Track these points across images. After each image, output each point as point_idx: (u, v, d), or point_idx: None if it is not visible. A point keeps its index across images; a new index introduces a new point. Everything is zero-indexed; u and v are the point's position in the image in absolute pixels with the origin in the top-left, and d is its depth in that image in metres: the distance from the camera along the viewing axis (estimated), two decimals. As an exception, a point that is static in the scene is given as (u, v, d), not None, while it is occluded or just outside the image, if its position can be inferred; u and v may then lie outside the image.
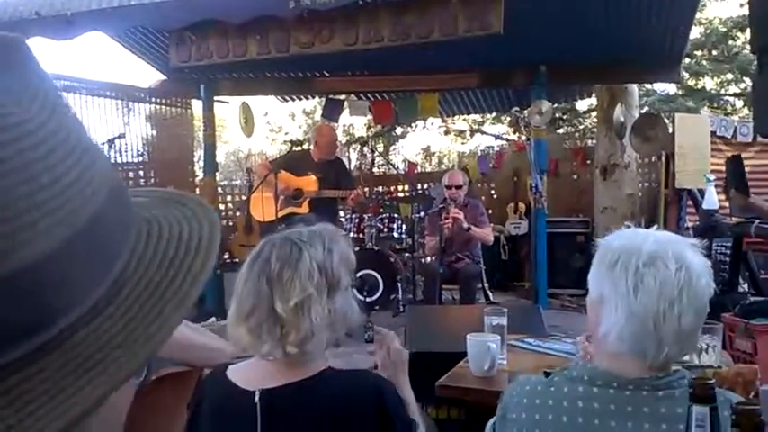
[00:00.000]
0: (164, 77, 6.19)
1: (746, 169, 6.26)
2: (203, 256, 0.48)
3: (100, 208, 0.43)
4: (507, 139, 11.22)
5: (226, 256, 6.60)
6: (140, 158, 6.40)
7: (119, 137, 5.28)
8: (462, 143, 12.83)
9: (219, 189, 7.05)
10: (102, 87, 6.05)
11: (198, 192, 6.61)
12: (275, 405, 1.27)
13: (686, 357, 1.86)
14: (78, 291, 0.42)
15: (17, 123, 0.38)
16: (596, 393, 1.11)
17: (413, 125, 11.64)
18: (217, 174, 6.91)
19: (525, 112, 5.55)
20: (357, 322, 1.36)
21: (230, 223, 6.95)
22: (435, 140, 12.80)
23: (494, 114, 11.29)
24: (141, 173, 6.39)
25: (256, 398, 1.27)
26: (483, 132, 12.86)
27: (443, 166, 9.39)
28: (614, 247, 1.15)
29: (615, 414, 1.09)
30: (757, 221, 3.78)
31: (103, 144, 5.09)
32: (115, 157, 5.82)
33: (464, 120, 12.11)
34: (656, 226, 1.30)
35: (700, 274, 1.10)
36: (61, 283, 0.40)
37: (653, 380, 1.09)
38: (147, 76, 6.37)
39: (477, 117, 11.84)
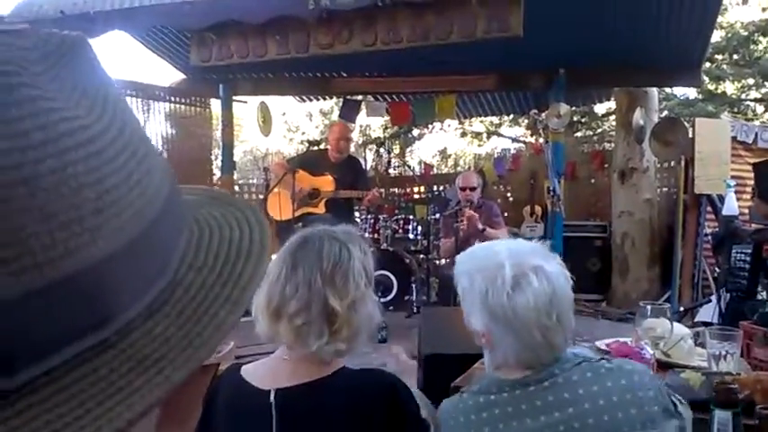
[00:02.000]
0: (183, 76, 6.25)
1: (767, 175, 6.21)
2: (255, 260, 0.47)
3: (160, 209, 0.43)
4: (524, 142, 11.17)
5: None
6: (159, 156, 6.45)
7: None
8: (479, 145, 12.79)
9: (237, 188, 7.10)
10: (121, 85, 6.11)
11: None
12: (290, 405, 1.26)
13: (704, 364, 1.84)
14: (136, 291, 0.42)
15: (83, 127, 0.38)
16: (494, 400, 1.21)
17: (429, 127, 11.63)
18: (234, 172, 6.95)
19: (543, 114, 5.52)
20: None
21: (247, 222, 6.99)
22: (452, 142, 12.79)
23: (511, 117, 11.24)
24: (160, 171, 6.44)
25: (271, 397, 1.26)
26: (500, 135, 12.82)
27: (459, 168, 9.37)
28: (477, 279, 1.24)
29: (514, 415, 1.18)
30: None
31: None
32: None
33: (481, 122, 12.07)
34: (520, 239, 1.40)
35: (557, 275, 1.23)
36: (120, 283, 0.40)
37: (535, 374, 1.20)
38: (167, 74, 6.42)
39: (495, 119, 11.80)
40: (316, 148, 5.54)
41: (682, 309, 5.30)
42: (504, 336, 1.21)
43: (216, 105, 6.54)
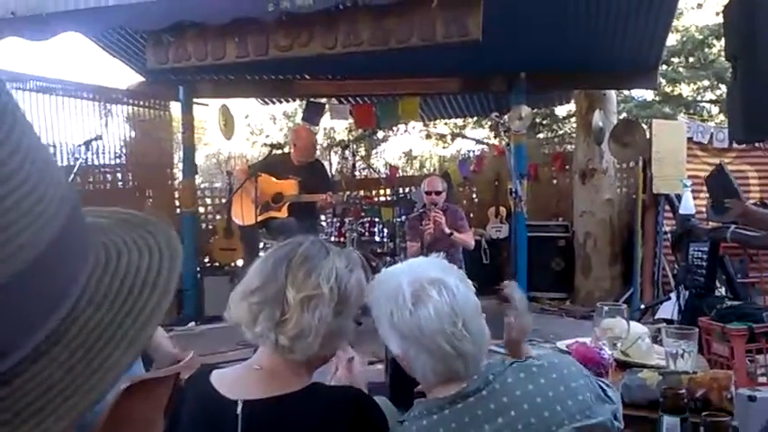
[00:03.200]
0: (142, 79, 6.12)
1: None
2: (159, 293, 0.45)
3: (55, 237, 0.39)
4: (488, 144, 11.26)
5: (206, 260, 6.54)
6: (118, 160, 6.31)
7: (95, 138, 5.20)
8: (443, 147, 12.85)
9: (199, 192, 6.98)
10: (79, 88, 5.96)
11: (177, 194, 6.54)
12: (257, 418, 1.23)
13: (662, 363, 1.87)
14: (24, 330, 0.38)
15: None
16: (437, 420, 1.19)
17: (394, 129, 11.64)
18: (197, 176, 6.84)
19: (505, 117, 5.57)
20: (334, 353, 1.35)
21: (210, 226, 6.89)
22: (417, 144, 12.82)
23: (475, 119, 11.33)
24: (119, 175, 6.31)
25: (238, 408, 1.23)
26: (464, 136, 12.91)
27: (425, 170, 9.40)
28: (382, 302, 1.25)
29: (459, 430, 1.17)
30: (733, 226, 3.83)
31: (80, 146, 5.01)
32: (92, 160, 5.74)
33: (445, 124, 12.14)
34: (442, 254, 1.42)
35: (455, 283, 1.24)
36: (7, 321, 0.37)
37: (471, 384, 1.20)
38: (126, 77, 6.26)
39: (459, 121, 11.88)
40: (279, 151, 5.48)
41: (643, 306, 5.41)
42: (417, 354, 1.22)
43: (176, 108, 6.43)
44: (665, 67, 9.57)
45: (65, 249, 0.40)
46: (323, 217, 6.09)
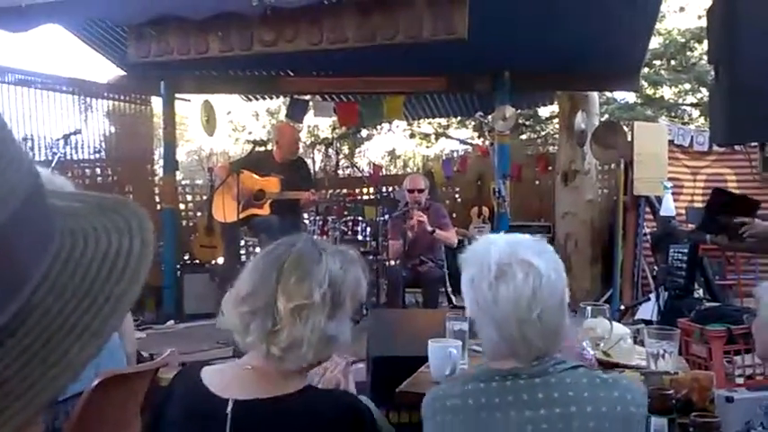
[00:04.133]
0: (123, 73, 6.03)
1: (702, 178, 6.47)
2: (128, 281, 0.42)
3: (11, 216, 0.36)
4: (472, 144, 11.30)
5: (186, 257, 6.47)
6: (97, 155, 6.22)
7: (74, 133, 5.12)
8: (427, 146, 12.87)
9: (180, 188, 6.90)
10: (58, 82, 5.86)
11: (157, 191, 6.46)
12: (247, 419, 1.20)
13: (643, 363, 1.88)
14: None
15: None
16: (483, 389, 1.20)
17: (378, 127, 11.63)
18: (178, 173, 6.77)
19: (489, 117, 5.59)
20: (344, 349, 1.32)
21: (191, 224, 6.82)
22: (400, 143, 12.83)
23: (459, 119, 11.36)
24: (98, 170, 6.22)
25: (228, 408, 1.20)
26: (448, 136, 12.94)
27: (408, 169, 9.40)
28: (468, 264, 1.26)
29: (501, 406, 1.18)
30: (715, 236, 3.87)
31: (59, 140, 4.93)
32: (71, 154, 5.65)
33: (429, 123, 12.15)
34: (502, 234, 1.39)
35: (547, 272, 1.20)
36: None
37: (528, 368, 1.20)
38: (106, 71, 6.17)
39: (443, 121, 11.90)
40: (261, 148, 5.44)
41: (623, 307, 5.45)
42: (484, 325, 1.22)
43: (158, 103, 6.34)
44: (647, 69, 9.66)
45: (26, 227, 0.38)
46: (306, 215, 6.05)
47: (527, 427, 1.14)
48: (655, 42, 9.51)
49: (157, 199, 6.40)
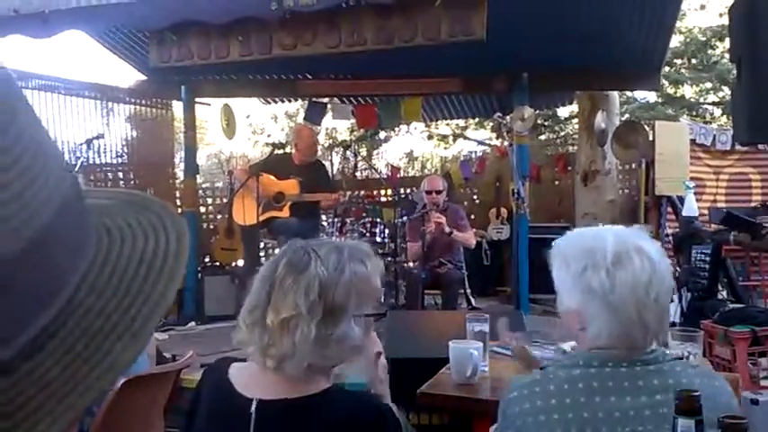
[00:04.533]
0: (144, 78, 6.11)
1: (725, 177, 6.38)
2: (166, 279, 0.42)
3: (46, 225, 0.36)
4: (490, 145, 11.26)
5: (206, 260, 6.53)
6: (120, 159, 6.31)
7: (97, 137, 5.19)
8: (445, 148, 12.86)
9: (200, 191, 6.97)
10: (81, 87, 5.95)
11: (178, 194, 6.54)
12: (270, 419, 1.21)
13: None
14: (15, 323, 0.36)
15: None
16: (593, 373, 1.20)
17: (396, 129, 11.64)
18: (198, 176, 6.83)
19: (508, 117, 5.56)
20: (356, 354, 1.29)
21: (211, 226, 6.88)
22: (418, 145, 12.82)
23: (477, 120, 11.32)
24: (121, 174, 6.30)
25: (252, 407, 1.22)
26: (466, 137, 12.91)
27: (426, 171, 9.40)
28: (577, 254, 1.25)
29: (614, 390, 1.18)
30: (737, 234, 3.82)
31: (82, 144, 5.01)
32: (94, 158, 5.74)
33: (447, 125, 12.13)
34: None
35: (660, 257, 1.24)
36: (2, 308, 0.35)
37: (643, 355, 1.21)
38: (128, 76, 6.26)
39: (461, 122, 11.88)
40: (280, 151, 5.48)
41: (644, 308, 5.39)
42: (598, 312, 1.21)
43: (178, 107, 6.42)
44: (667, 68, 9.56)
45: (62, 233, 0.38)
46: (324, 217, 6.08)
47: (644, 412, 1.16)
48: (675, 41, 9.41)
49: (178, 202, 6.47)
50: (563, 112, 10.98)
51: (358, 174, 8.44)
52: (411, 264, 5.13)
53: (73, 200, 0.41)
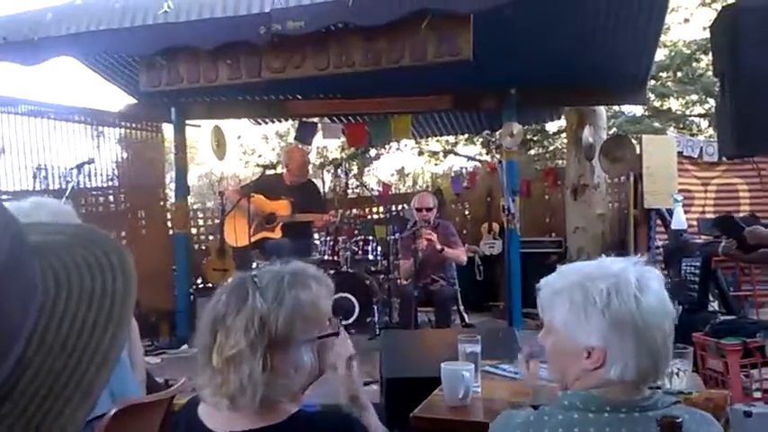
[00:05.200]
0: (134, 101, 6.13)
1: (713, 188, 6.45)
2: (114, 326, 0.40)
3: None
4: (480, 160, 11.32)
5: (199, 281, 6.51)
6: (111, 183, 6.30)
7: (88, 162, 5.20)
8: (436, 164, 12.90)
9: (191, 212, 6.97)
10: (71, 112, 5.96)
11: (169, 215, 6.53)
12: None
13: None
14: None
15: None
16: (592, 419, 1.13)
17: (386, 147, 11.69)
18: (189, 197, 6.83)
19: (497, 134, 5.61)
20: (312, 379, 1.29)
21: (203, 247, 6.87)
22: (409, 161, 12.86)
23: (466, 136, 11.39)
24: (111, 197, 6.29)
25: None
26: (456, 153, 12.96)
27: (417, 187, 9.44)
28: (598, 289, 1.16)
29: None
30: (725, 241, 3.85)
31: (72, 169, 5.01)
32: (84, 182, 5.73)
33: (437, 141, 12.19)
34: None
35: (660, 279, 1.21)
36: None
37: (642, 401, 1.14)
38: (118, 99, 6.27)
39: (451, 138, 11.94)
40: (272, 172, 5.50)
41: (637, 321, 5.41)
42: (624, 343, 1.13)
43: (168, 129, 6.43)
44: (653, 82, 9.67)
45: (9, 285, 0.36)
46: (316, 236, 6.09)
47: None
48: (660, 54, 9.52)
49: (170, 224, 6.47)
50: (551, 126, 11.05)
51: (349, 191, 8.46)
52: (404, 281, 5.14)
53: (19, 243, 0.39)
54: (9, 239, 0.37)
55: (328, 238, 5.61)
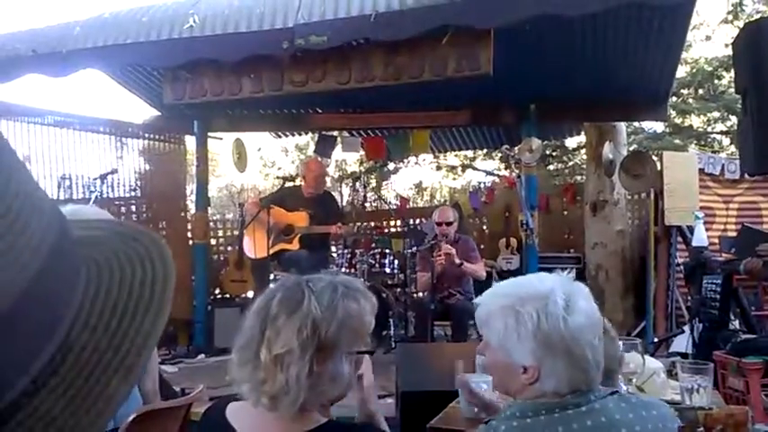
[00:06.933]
0: (157, 113, 6.23)
1: (735, 206, 6.37)
2: (154, 313, 0.42)
3: (40, 269, 0.37)
4: (498, 175, 11.31)
5: (216, 292, 6.56)
6: (133, 193, 6.40)
7: (111, 172, 5.30)
8: (454, 178, 12.91)
9: (211, 223, 7.03)
10: (95, 123, 6.08)
11: (189, 226, 6.60)
12: None
13: (678, 398, 1.86)
14: (19, 364, 0.37)
15: None
16: (530, 424, 1.19)
17: (405, 161, 11.73)
18: (209, 208, 6.92)
19: (516, 149, 5.61)
20: (343, 393, 1.30)
21: (222, 258, 6.92)
22: (427, 176, 12.88)
23: (485, 151, 11.39)
24: (133, 207, 6.39)
25: None
26: (474, 168, 12.96)
27: (435, 201, 9.44)
28: (527, 312, 1.22)
29: None
30: (748, 258, 3.80)
31: (96, 179, 5.10)
32: (108, 192, 5.83)
33: (455, 155, 12.21)
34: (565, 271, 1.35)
35: (590, 297, 1.28)
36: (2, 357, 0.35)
37: (574, 398, 1.21)
38: (141, 111, 6.39)
39: (469, 153, 11.95)
40: (291, 184, 5.55)
41: (656, 339, 5.34)
42: (555, 362, 1.21)
43: (191, 141, 6.53)
44: (674, 98, 9.62)
45: (54, 273, 0.39)
46: (334, 249, 6.11)
47: None
48: (682, 71, 9.48)
49: (189, 234, 6.54)
50: (571, 142, 11.03)
51: (367, 205, 8.49)
52: (420, 294, 5.13)
53: (64, 237, 0.41)
54: (54, 233, 0.40)
55: (345, 251, 5.64)
